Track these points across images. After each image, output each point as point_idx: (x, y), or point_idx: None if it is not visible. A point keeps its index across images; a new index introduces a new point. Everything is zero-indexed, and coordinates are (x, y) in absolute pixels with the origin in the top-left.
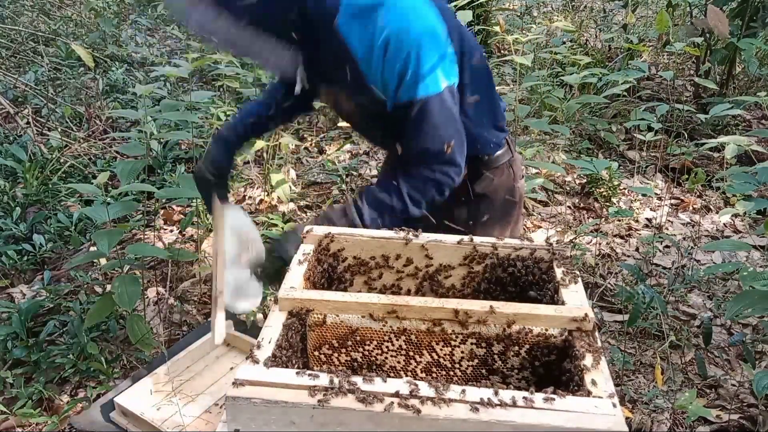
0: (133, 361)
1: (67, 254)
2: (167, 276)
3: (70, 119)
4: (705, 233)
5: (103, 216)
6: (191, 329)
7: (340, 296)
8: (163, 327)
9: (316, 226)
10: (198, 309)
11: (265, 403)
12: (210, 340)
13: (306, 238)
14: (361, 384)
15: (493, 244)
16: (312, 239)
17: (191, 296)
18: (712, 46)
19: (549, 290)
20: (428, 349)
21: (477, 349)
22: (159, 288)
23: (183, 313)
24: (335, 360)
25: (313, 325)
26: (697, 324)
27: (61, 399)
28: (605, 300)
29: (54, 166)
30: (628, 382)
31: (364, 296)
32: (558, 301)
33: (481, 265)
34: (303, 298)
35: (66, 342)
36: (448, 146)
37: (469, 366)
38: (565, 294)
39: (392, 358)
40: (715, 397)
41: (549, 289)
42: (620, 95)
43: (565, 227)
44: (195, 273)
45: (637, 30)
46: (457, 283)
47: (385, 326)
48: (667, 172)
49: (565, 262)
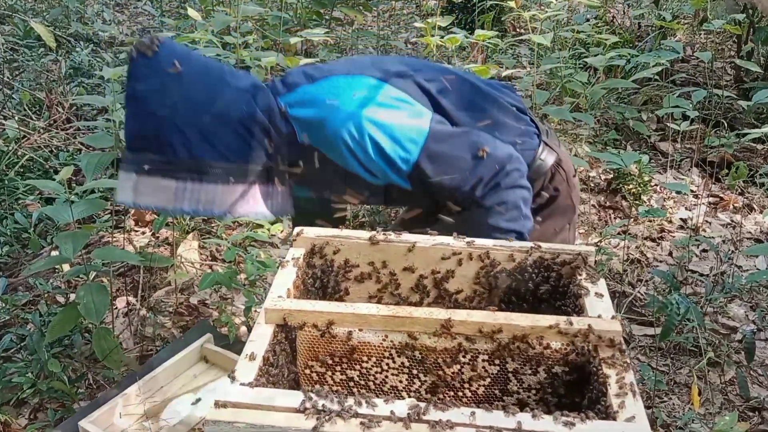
0: (100, 380)
1: (25, 259)
2: (139, 284)
3: (29, 106)
4: (747, 235)
5: (67, 216)
6: (166, 344)
7: (334, 306)
8: (134, 341)
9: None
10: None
11: (250, 428)
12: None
13: (296, 241)
14: (358, 407)
15: (509, 248)
16: (303, 242)
17: (165, 307)
18: (756, 24)
19: (571, 300)
20: (434, 367)
21: (489, 367)
22: (129, 297)
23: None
24: (329, 379)
25: (304, 339)
26: (738, 338)
27: (19, 423)
28: (634, 311)
29: (10, 159)
30: (660, 404)
31: (362, 307)
32: (581, 312)
33: (495, 271)
34: (292, 308)
35: (24, 359)
36: (482, 151)
37: (480, 386)
38: (589, 304)
39: (393, 377)
40: (759, 420)
41: (571, 299)
42: (651, 79)
43: (589, 229)
44: (170, 280)
45: (671, 5)
46: (467, 292)
47: (385, 341)
48: (705, 166)
49: (589, 269)
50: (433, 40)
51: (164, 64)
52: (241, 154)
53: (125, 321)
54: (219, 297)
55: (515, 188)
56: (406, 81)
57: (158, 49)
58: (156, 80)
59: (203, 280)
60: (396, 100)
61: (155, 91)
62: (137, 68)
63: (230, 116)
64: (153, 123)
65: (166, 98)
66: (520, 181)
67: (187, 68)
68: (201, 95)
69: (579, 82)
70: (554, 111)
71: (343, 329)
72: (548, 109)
